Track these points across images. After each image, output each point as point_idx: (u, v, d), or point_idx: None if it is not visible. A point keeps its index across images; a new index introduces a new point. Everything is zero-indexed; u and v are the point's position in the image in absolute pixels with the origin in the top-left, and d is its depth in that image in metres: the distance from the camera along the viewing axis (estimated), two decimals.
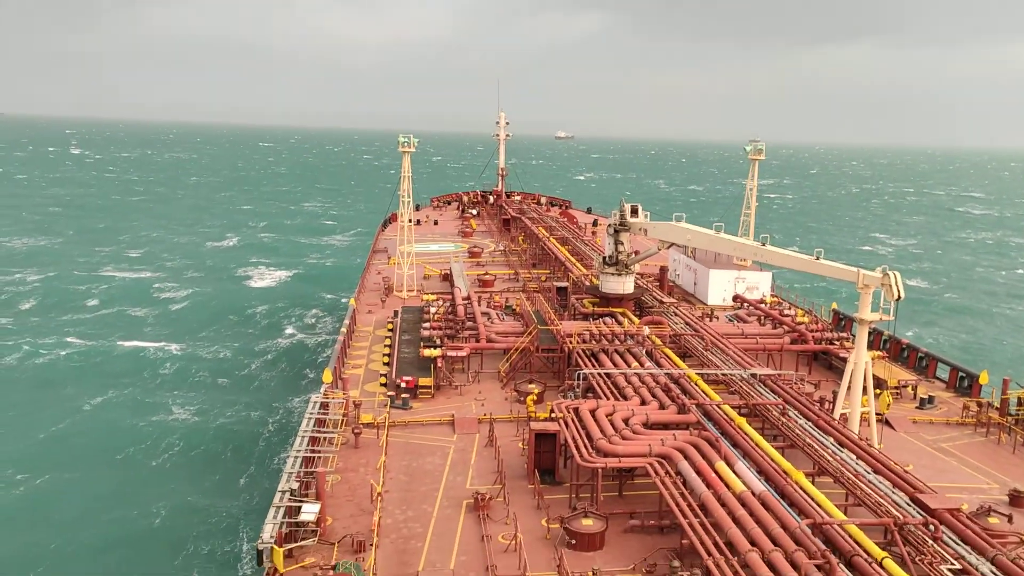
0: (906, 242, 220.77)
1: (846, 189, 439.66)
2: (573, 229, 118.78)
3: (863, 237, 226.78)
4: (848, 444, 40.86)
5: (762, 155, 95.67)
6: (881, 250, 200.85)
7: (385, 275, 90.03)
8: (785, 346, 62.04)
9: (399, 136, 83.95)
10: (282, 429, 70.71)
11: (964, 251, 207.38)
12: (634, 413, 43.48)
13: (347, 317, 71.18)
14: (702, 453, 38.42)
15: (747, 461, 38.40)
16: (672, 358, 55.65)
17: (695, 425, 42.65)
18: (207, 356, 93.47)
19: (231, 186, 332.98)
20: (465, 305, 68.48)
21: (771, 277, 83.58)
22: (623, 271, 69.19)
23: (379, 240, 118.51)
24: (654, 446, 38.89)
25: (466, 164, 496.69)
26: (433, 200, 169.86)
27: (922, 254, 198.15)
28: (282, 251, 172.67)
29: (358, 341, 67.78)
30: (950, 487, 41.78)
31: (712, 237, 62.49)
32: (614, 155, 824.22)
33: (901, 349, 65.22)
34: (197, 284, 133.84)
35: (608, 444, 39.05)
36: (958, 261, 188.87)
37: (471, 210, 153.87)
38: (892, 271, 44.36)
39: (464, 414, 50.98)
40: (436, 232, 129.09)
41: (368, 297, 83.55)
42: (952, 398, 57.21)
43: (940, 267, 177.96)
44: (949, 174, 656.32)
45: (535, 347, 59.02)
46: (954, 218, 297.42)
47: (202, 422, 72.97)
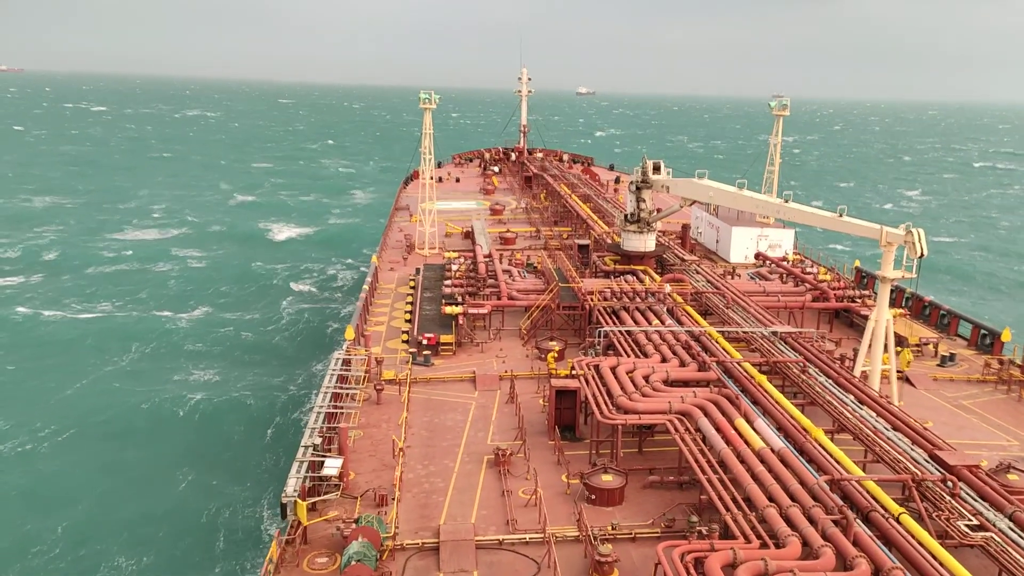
0: (932, 199, 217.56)
1: (871, 146, 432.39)
2: (595, 186, 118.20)
3: (887, 194, 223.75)
4: (868, 401, 40.95)
5: (787, 111, 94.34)
6: (906, 207, 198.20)
7: (407, 232, 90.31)
8: (807, 304, 61.86)
9: (420, 92, 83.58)
10: (305, 386, 71.82)
11: (991, 208, 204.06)
12: (654, 370, 43.74)
13: (369, 274, 71.73)
14: (722, 410, 38.70)
15: (767, 418, 38.64)
16: (693, 316, 55.69)
17: (715, 382, 42.83)
18: (229, 316, 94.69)
19: (251, 143, 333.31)
20: (487, 263, 68.75)
21: (794, 235, 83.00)
22: (645, 228, 69.04)
23: (401, 198, 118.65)
24: (674, 403, 39.18)
25: (487, 121, 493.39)
26: (455, 157, 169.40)
27: (948, 211, 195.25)
28: (303, 209, 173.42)
29: (380, 298, 68.33)
30: (970, 444, 41.89)
31: (735, 194, 62.05)
32: (635, 111, 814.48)
33: (923, 307, 64.82)
34: (217, 243, 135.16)
35: (628, 401, 39.39)
36: (984, 218, 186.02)
37: (493, 167, 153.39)
38: (916, 228, 43.97)
39: (485, 371, 51.49)
40: (458, 189, 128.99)
41: (390, 254, 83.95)
42: (973, 356, 56.96)
43: (965, 224, 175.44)
44: (978, 128, 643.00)
45: (556, 305, 59.25)
46: (982, 174, 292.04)
47: (225, 381, 74.18)
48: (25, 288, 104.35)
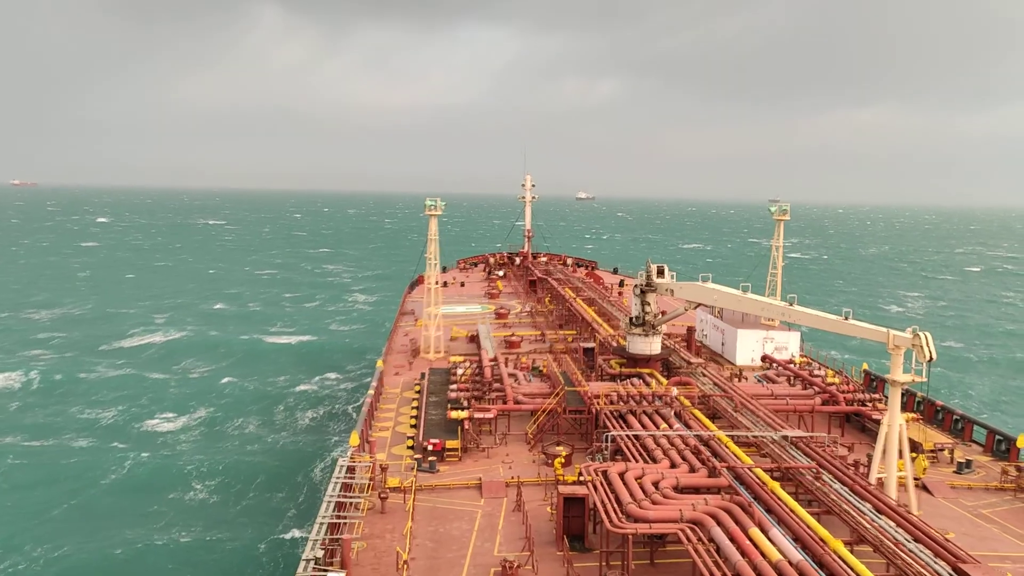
0: (935, 302, 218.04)
1: (868, 249, 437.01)
2: (599, 290, 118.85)
3: (890, 297, 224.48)
4: (886, 510, 39.79)
5: (787, 215, 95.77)
6: (910, 310, 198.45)
7: (412, 337, 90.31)
8: (816, 407, 61.11)
9: (426, 199, 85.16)
10: (308, 495, 70.20)
11: (995, 309, 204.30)
12: (664, 476, 42.76)
13: (374, 379, 71.29)
14: (735, 519, 37.58)
15: (782, 528, 37.45)
16: (701, 419, 54.94)
17: (727, 489, 41.78)
18: (230, 423, 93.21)
19: (257, 251, 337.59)
20: (492, 367, 68.42)
21: (800, 337, 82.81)
22: (650, 331, 68.99)
23: (406, 302, 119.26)
24: (685, 511, 38.08)
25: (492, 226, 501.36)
26: (460, 262, 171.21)
27: (953, 314, 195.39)
28: (307, 315, 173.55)
29: (385, 403, 67.72)
30: (993, 556, 40.47)
31: (739, 297, 62.25)
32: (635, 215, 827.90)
33: (935, 411, 63.95)
34: (220, 350, 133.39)
35: (638, 509, 38.33)
36: (989, 321, 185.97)
37: (498, 271, 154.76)
38: (923, 332, 43.84)
39: (492, 477, 50.45)
40: (463, 294, 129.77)
41: (396, 359, 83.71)
42: (990, 462, 55.78)
43: (971, 327, 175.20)
44: (970, 232, 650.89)
45: (562, 409, 58.61)
46: (980, 276, 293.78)
47: (226, 490, 72.37)
48: (24, 393, 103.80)
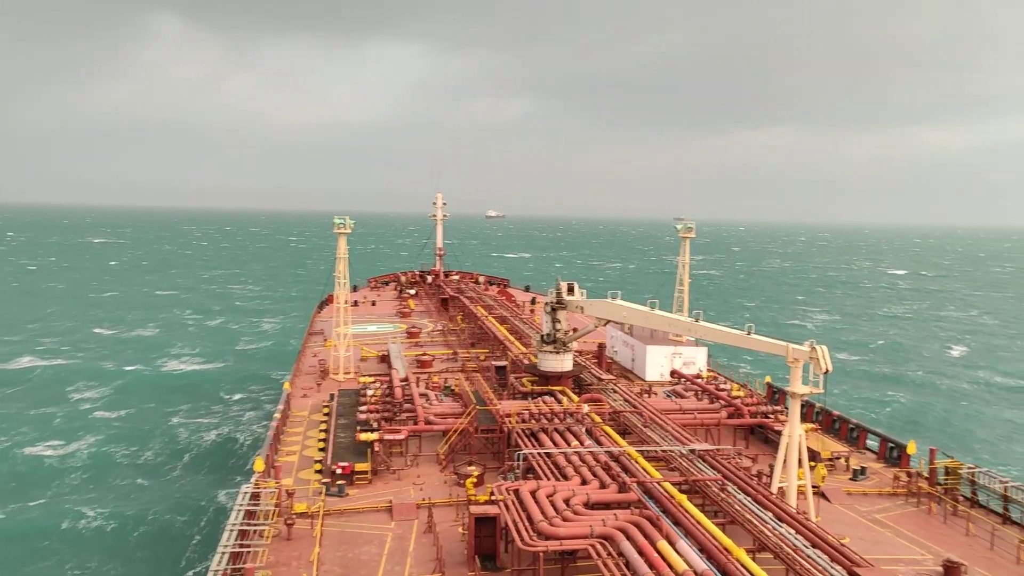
0: (831, 316, 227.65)
1: (769, 265, 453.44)
2: (511, 307, 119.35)
3: (790, 311, 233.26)
4: (787, 518, 41.09)
5: (692, 233, 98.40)
6: (809, 324, 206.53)
7: (321, 358, 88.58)
8: (722, 421, 62.72)
9: (335, 218, 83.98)
10: (211, 525, 67.57)
11: (885, 323, 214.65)
12: (575, 493, 43.06)
13: (281, 402, 69.51)
14: (644, 532, 38.11)
15: (689, 539, 38.20)
16: (612, 435, 55.60)
17: (636, 504, 42.38)
18: (125, 452, 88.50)
19: (155, 270, 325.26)
20: (403, 387, 67.72)
21: (706, 352, 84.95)
22: (561, 349, 69.55)
23: (315, 322, 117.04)
24: (596, 527, 38.41)
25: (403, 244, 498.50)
26: (370, 281, 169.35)
27: (847, 327, 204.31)
28: (210, 337, 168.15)
29: (292, 426, 66.07)
30: (885, 559, 42.17)
31: (647, 314, 63.45)
32: (547, 232, 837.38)
33: (832, 421, 66.48)
34: (116, 375, 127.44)
35: (549, 526, 38.47)
36: (881, 333, 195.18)
37: (409, 290, 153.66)
38: (820, 345, 45.55)
39: (402, 500, 49.78)
40: (374, 313, 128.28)
41: (303, 381, 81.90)
42: (883, 468, 58.29)
43: (865, 339, 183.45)
44: (865, 248, 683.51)
45: (474, 428, 58.38)
46: (872, 291, 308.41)
47: (121, 525, 68.57)
48: None
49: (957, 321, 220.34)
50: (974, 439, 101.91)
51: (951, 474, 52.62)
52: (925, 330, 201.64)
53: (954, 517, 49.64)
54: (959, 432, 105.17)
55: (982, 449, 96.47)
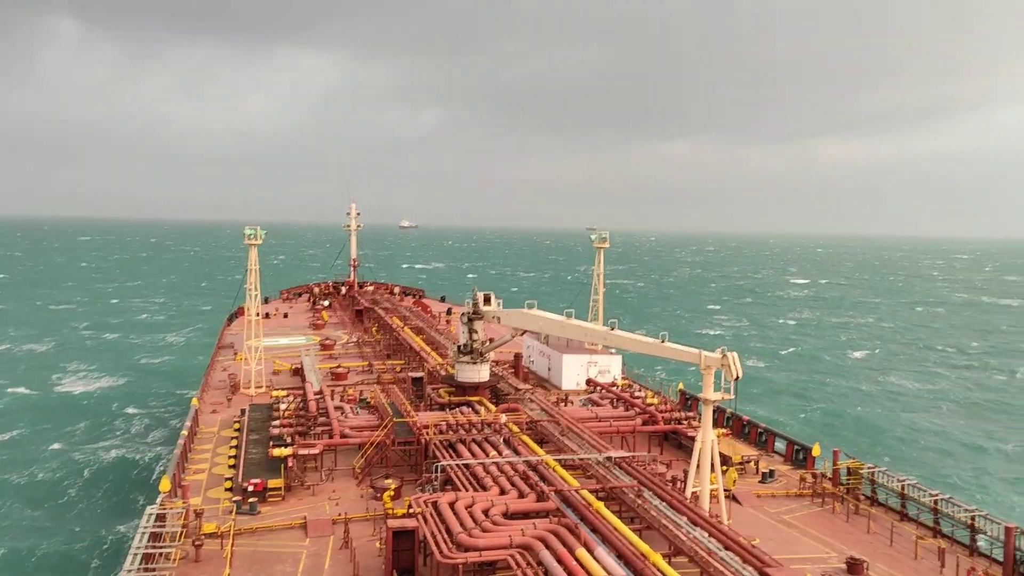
0: (741, 323, 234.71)
1: (680, 274, 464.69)
2: (427, 318, 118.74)
3: (702, 319, 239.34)
4: (700, 522, 42.00)
5: (607, 243, 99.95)
6: (720, 331, 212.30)
7: (231, 372, 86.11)
8: (637, 428, 63.71)
9: (245, 228, 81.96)
10: (113, 552, 64.23)
11: (791, 330, 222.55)
12: (494, 504, 43.02)
13: (188, 418, 67.19)
14: (562, 541, 38.32)
15: (607, 546, 38.64)
16: (530, 445, 55.82)
17: (555, 512, 42.62)
18: (16, 481, 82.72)
19: (47, 284, 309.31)
20: (317, 400, 66.45)
21: (621, 360, 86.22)
22: (478, 359, 69.47)
23: (224, 335, 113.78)
24: (515, 537, 38.44)
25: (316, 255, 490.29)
26: (282, 292, 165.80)
27: (756, 334, 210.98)
28: (110, 352, 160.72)
29: (201, 444, 63.93)
30: (794, 559, 43.55)
31: (563, 323, 64.02)
32: (461, 243, 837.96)
33: (742, 426, 68.41)
34: (5, 395, 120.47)
35: (468, 538, 38.29)
36: (786, 339, 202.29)
37: (322, 302, 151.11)
38: (731, 352, 46.82)
39: (317, 515, 48.73)
40: (286, 325, 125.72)
41: (213, 396, 79.42)
42: (790, 471, 60.25)
43: (772, 345, 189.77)
44: (771, 258, 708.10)
45: (391, 441, 57.69)
46: (779, 299, 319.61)
47: (12, 560, 64.18)
48: None
49: (856, 327, 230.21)
50: (874, 440, 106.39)
51: (853, 474, 54.84)
52: (827, 336, 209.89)
53: (856, 515, 51.68)
54: (860, 434, 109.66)
55: (881, 450, 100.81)
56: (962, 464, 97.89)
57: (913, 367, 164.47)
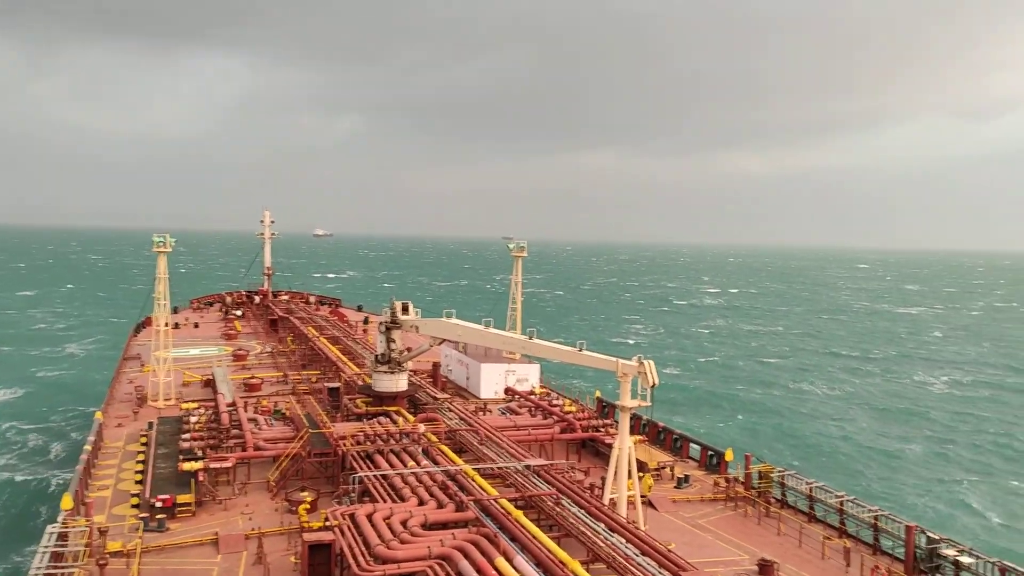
0: (656, 331, 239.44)
1: (596, 283, 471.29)
2: (344, 328, 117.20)
3: (619, 328, 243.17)
4: (618, 528, 42.54)
5: (524, 252, 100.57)
6: (636, 339, 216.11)
7: (138, 384, 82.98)
8: (555, 436, 64.14)
9: (153, 236, 79.31)
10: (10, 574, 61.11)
11: (704, 337, 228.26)
12: (412, 515, 42.63)
13: (92, 432, 64.39)
14: (482, 550, 38.21)
15: (526, 555, 38.72)
16: (448, 454, 55.54)
17: (474, 522, 42.52)
18: None
19: None
20: (230, 412, 64.70)
21: (539, 369, 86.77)
22: (396, 369, 68.84)
23: (131, 346, 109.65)
24: (433, 548, 38.16)
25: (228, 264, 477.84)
26: (193, 302, 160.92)
27: (671, 342, 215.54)
28: (4, 366, 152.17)
29: (105, 459, 61.34)
30: (707, 562, 44.48)
31: (482, 332, 64.05)
32: (377, 251, 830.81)
33: (658, 432, 69.68)
34: None
35: (386, 550, 37.80)
36: (700, 346, 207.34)
37: (235, 311, 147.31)
38: (647, 359, 47.65)
39: (230, 531, 47.31)
40: (197, 335, 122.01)
41: (118, 409, 76.36)
42: (704, 476, 61.66)
43: (686, 353, 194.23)
44: (681, 266, 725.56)
45: (307, 452, 56.53)
46: (688, 308, 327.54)
47: None
48: None
49: (767, 335, 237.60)
50: (784, 444, 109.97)
51: (764, 478, 56.47)
52: (739, 344, 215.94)
53: (767, 518, 53.23)
54: (772, 438, 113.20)
55: (791, 454, 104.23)
56: (867, 466, 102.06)
57: (821, 373, 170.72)
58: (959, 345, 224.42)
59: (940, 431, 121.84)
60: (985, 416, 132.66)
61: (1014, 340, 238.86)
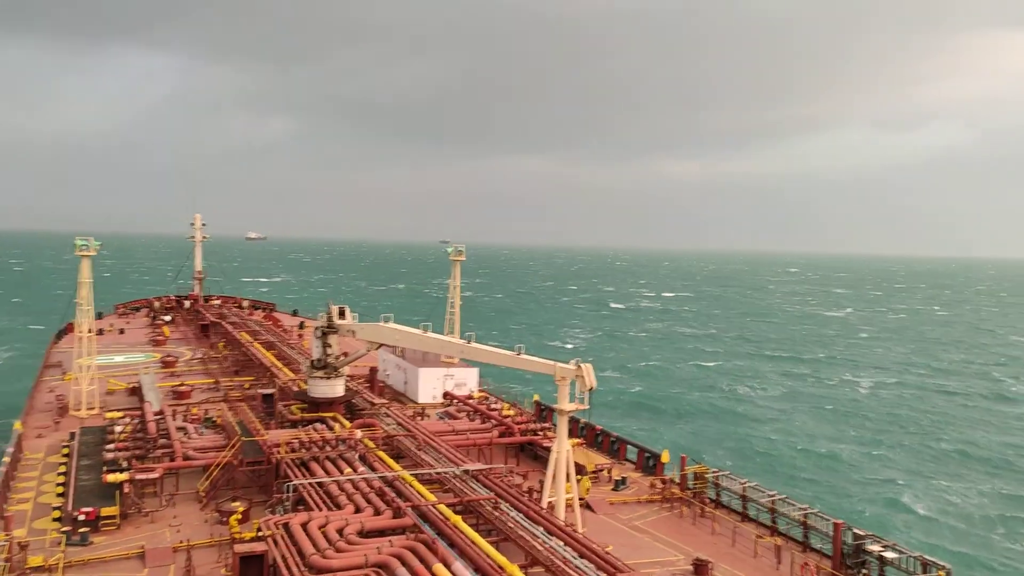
0: (594, 335, 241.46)
1: (534, 287, 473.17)
2: (278, 333, 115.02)
3: (556, 332, 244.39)
4: (556, 531, 42.55)
5: (463, 256, 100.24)
6: (574, 343, 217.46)
7: (59, 393, 79.95)
8: (494, 440, 63.95)
9: (76, 239, 76.59)
10: None
11: (641, 341, 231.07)
12: (348, 522, 41.88)
13: (10, 444, 61.83)
14: (420, 557, 37.76)
15: (464, 560, 38.43)
16: (386, 460, 54.88)
17: (412, 528, 42.00)
18: None
19: None
20: (157, 421, 62.75)
21: (478, 373, 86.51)
22: (332, 374, 67.75)
23: (52, 354, 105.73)
24: (370, 556, 37.55)
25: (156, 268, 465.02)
26: (118, 307, 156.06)
27: (608, 345, 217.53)
28: None
29: (25, 471, 58.88)
30: (644, 563, 44.91)
31: (420, 336, 63.47)
32: (313, 255, 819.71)
33: (596, 435, 70.08)
34: None
35: (321, 559, 37.04)
36: (638, 350, 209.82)
37: (164, 317, 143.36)
38: (585, 363, 47.86)
39: (156, 544, 45.83)
40: (122, 342, 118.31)
41: (38, 419, 73.43)
42: (641, 477, 62.27)
43: (623, 356, 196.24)
44: (618, 270, 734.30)
45: (239, 461, 55.12)
46: (625, 312, 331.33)
47: None
48: None
49: (702, 338, 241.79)
50: (719, 445, 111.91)
51: (699, 479, 57.29)
52: (675, 347, 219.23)
53: (702, 518, 54.00)
54: (707, 439, 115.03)
55: (724, 454, 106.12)
56: (798, 465, 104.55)
57: (754, 375, 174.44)
58: (885, 346, 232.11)
59: (867, 430, 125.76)
60: (910, 415, 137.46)
61: (934, 342, 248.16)
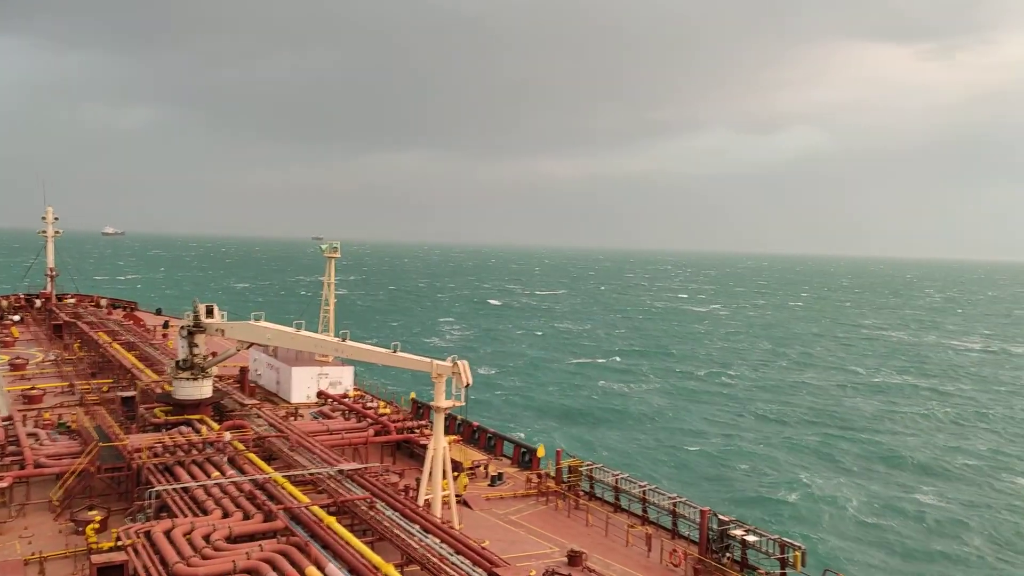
0: (470, 331, 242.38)
1: (410, 284, 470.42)
2: (141, 332, 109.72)
3: (433, 329, 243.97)
4: (432, 529, 42.50)
5: (337, 253, 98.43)
6: (450, 340, 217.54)
7: None
8: (370, 439, 63.19)
9: None
10: None
11: (518, 337, 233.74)
12: (216, 528, 40.41)
13: None
14: (291, 560, 36.90)
15: (338, 562, 37.83)
16: (257, 463, 53.21)
17: (284, 532, 40.98)
18: None
19: None
20: (5, 427, 58.61)
21: (353, 371, 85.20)
22: (200, 375, 65.12)
23: None
24: (239, 562, 36.35)
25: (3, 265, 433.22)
26: None
27: (485, 342, 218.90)
28: None
29: None
30: (521, 556, 45.54)
31: (292, 335, 61.83)
32: (179, 252, 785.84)
33: (473, 431, 70.43)
34: None
35: (186, 567, 35.59)
36: (514, 346, 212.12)
37: (12, 316, 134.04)
38: (461, 360, 47.99)
39: (6, 556, 42.83)
40: None
41: None
42: (517, 472, 63.01)
43: (500, 352, 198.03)
44: (493, 268, 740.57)
45: (96, 467, 52.18)
46: (503, 308, 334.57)
47: None
48: None
49: (577, 334, 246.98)
50: (593, 438, 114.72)
51: (573, 472, 58.56)
52: (551, 343, 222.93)
53: (576, 510, 55.21)
54: (582, 433, 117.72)
55: (598, 446, 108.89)
56: (666, 455, 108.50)
57: (628, 370, 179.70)
58: (750, 341, 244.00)
59: (731, 420, 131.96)
60: (772, 405, 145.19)
61: (796, 336, 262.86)
